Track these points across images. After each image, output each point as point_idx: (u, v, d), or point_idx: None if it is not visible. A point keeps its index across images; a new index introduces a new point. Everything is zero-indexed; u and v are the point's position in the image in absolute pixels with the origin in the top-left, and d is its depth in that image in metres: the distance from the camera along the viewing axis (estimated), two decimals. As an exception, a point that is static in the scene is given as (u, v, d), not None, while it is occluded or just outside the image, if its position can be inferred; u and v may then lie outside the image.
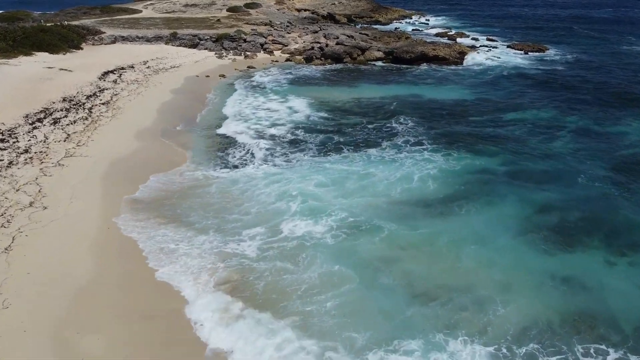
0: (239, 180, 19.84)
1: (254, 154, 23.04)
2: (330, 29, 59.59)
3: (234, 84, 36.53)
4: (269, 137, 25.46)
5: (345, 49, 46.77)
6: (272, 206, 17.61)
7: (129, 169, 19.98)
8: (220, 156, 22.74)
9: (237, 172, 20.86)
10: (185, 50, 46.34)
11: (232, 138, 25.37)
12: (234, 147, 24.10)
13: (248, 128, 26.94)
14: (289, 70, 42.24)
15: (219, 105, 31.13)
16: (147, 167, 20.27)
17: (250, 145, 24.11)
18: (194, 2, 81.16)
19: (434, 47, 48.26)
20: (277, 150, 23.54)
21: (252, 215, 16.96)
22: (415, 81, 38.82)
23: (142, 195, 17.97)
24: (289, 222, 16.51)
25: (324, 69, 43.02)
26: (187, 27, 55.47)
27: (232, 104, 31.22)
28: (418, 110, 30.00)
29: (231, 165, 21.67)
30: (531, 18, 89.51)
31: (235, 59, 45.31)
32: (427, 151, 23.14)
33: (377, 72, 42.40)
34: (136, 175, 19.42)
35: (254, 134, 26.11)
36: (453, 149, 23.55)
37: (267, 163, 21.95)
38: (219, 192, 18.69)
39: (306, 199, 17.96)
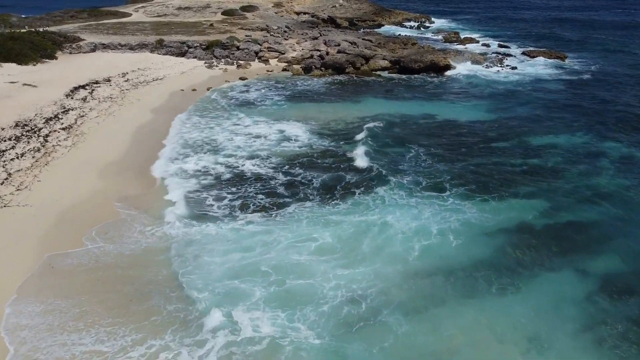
0: (194, 241, 15.29)
1: (213, 204, 17.87)
2: (331, 34, 55.47)
3: (220, 99, 32.28)
4: (245, 175, 20.51)
5: (348, 58, 42.62)
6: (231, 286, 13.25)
7: (77, 224, 15.81)
8: (176, 207, 17.66)
9: (193, 229, 15.99)
10: (172, 59, 42.20)
11: (193, 176, 20.25)
12: (195, 193, 18.68)
13: (217, 163, 21.67)
14: (285, 82, 38.09)
15: (190, 129, 26.27)
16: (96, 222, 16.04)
17: (212, 190, 18.88)
18: (188, 4, 77.08)
19: (445, 56, 44.14)
20: (250, 197, 18.35)
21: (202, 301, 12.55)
22: (426, 96, 34.65)
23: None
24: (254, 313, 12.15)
25: (324, 81, 38.86)
26: (176, 33, 51.37)
27: (204, 128, 26.30)
28: (433, 136, 25.81)
29: (187, 219, 16.60)
30: (541, 21, 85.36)
31: (226, 69, 41.16)
32: (448, 195, 18.83)
33: (384, 85, 38.23)
34: (78, 233, 15.22)
35: (226, 171, 20.82)
36: (478, 190, 19.30)
37: (232, 218, 16.73)
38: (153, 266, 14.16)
39: (287, 276, 13.61)
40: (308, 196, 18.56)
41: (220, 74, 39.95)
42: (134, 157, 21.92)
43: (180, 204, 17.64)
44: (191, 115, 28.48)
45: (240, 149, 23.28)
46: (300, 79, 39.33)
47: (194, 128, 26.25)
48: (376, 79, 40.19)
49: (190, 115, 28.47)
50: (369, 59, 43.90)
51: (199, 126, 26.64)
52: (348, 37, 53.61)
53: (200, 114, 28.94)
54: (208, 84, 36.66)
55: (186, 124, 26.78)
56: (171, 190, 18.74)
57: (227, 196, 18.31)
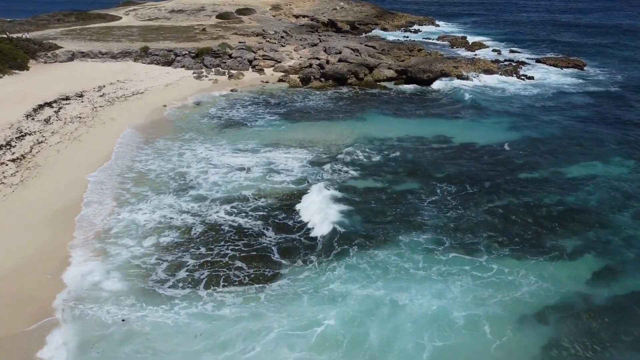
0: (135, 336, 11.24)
1: (170, 278, 13.53)
2: (331, 40, 51.77)
3: (205, 118, 28.53)
4: (221, 229, 16.04)
5: (350, 68, 38.90)
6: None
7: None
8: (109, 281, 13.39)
9: (136, 316, 11.89)
10: (157, 69, 38.49)
11: (144, 235, 15.68)
12: (145, 258, 14.39)
13: (181, 211, 16.99)
14: (281, 96, 34.37)
15: (159, 156, 22.39)
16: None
17: (171, 253, 14.62)
18: (181, 7, 73.40)
19: (456, 65, 40.43)
20: (225, 264, 14.13)
21: None
22: (439, 112, 30.89)
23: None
24: None
25: (324, 95, 35.15)
26: (165, 39, 47.68)
27: (176, 156, 22.26)
28: (451, 166, 22.07)
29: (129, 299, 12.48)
30: (550, 25, 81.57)
31: (216, 80, 37.46)
32: (476, 257, 15.04)
33: (390, 99, 34.47)
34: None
35: (195, 222, 16.29)
36: (510, 246, 15.58)
37: (197, 298, 12.62)
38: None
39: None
40: (306, 259, 14.73)
41: (209, 86, 36.25)
42: (98, 194, 18.22)
43: (116, 280, 13.29)
44: (167, 137, 24.78)
45: (217, 188, 19.13)
46: (298, 92, 35.61)
47: (164, 155, 22.47)
48: (381, 91, 36.46)
49: (166, 138, 24.76)
50: (373, 68, 40.20)
51: (169, 153, 22.69)
52: (350, 43, 49.91)
53: (176, 136, 25.19)
54: (195, 97, 32.97)
55: (157, 149, 23.03)
56: (107, 260, 14.27)
57: (191, 262, 14.26)
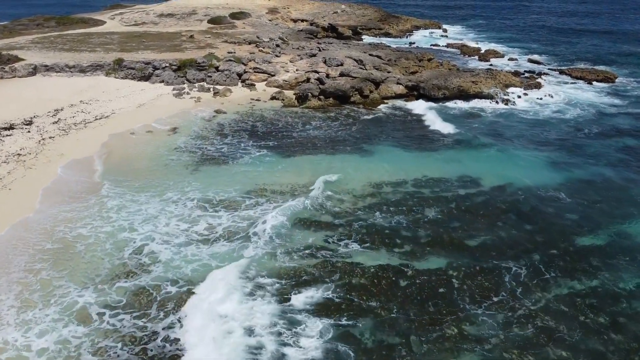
0: None
1: None
2: (332, 49, 46.74)
3: (173, 152, 23.43)
4: None
5: (354, 84, 33.84)
6: None
7: None
8: None
9: None
10: (132, 85, 33.46)
11: None
12: None
13: (102, 335, 11.85)
14: (273, 119, 29.31)
15: (100, 220, 17.07)
16: None
17: None
18: (172, 11, 68.47)
19: (474, 80, 35.33)
20: None
21: None
22: (460, 142, 25.78)
23: None
24: None
25: (323, 117, 30.08)
26: (146, 48, 42.68)
27: (121, 217, 17.12)
28: (484, 228, 16.97)
29: None
30: (567, 31, 76.45)
31: (199, 98, 32.43)
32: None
33: (400, 123, 29.36)
34: None
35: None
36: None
37: None
38: None
39: None
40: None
41: (190, 106, 31.22)
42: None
43: None
44: (121, 181, 19.70)
45: (170, 271, 13.74)
46: (293, 113, 30.56)
47: (109, 210, 17.36)
48: (390, 112, 31.37)
49: (119, 181, 19.69)
50: (380, 84, 35.17)
51: (115, 208, 17.51)
52: (352, 52, 44.92)
53: (134, 178, 20.11)
54: (171, 121, 27.96)
55: (101, 202, 17.85)
56: None
57: None
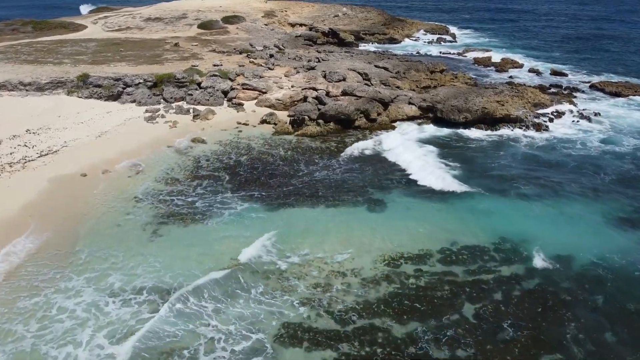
0: None
1: None
2: (332, 58, 41.57)
3: (130, 206, 18.19)
4: None
5: (358, 105, 28.67)
6: None
7: None
8: None
9: None
10: (97, 106, 28.29)
11: None
12: None
13: None
14: (262, 152, 24.15)
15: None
16: None
17: None
18: (160, 14, 63.24)
19: (500, 99, 30.11)
20: None
21: None
22: (490, 186, 20.49)
23: None
24: None
25: (323, 149, 24.91)
26: (122, 59, 37.52)
27: (32, 329, 12.31)
28: (547, 347, 11.81)
29: None
30: (585, 37, 71.26)
31: (176, 123, 27.29)
32: None
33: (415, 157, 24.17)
34: None
35: None
36: None
37: None
38: None
39: None
40: None
41: (164, 133, 26.07)
42: None
43: None
44: (47, 258, 14.47)
45: None
46: (286, 144, 25.40)
47: (19, 316, 12.20)
48: (402, 142, 26.21)
49: (44, 258, 14.47)
50: (389, 104, 30.01)
51: (31, 309, 12.41)
52: (356, 63, 39.78)
53: (67, 252, 14.94)
54: (135, 158, 22.83)
55: (10, 299, 12.68)
56: None
57: None
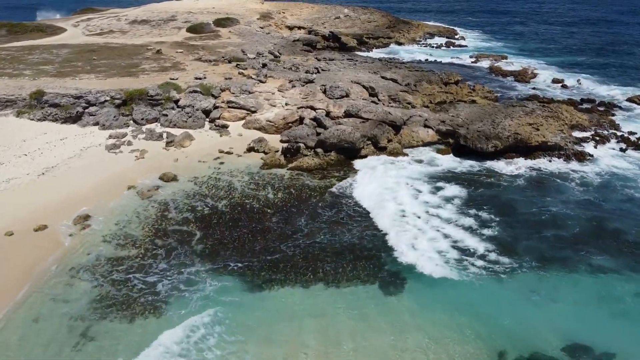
0: None
1: None
2: (333, 68, 36.71)
3: (56, 286, 13.40)
4: None
5: (365, 131, 23.80)
6: None
7: None
8: None
9: None
10: (52, 130, 23.47)
11: None
12: None
13: None
14: (246, 194, 19.26)
15: None
16: None
17: None
18: (147, 16, 58.37)
19: (533, 122, 25.19)
20: None
21: None
22: (537, 248, 15.65)
23: None
24: None
25: (321, 190, 20.01)
26: (92, 71, 32.69)
27: None
28: None
29: None
30: (608, 41, 66.42)
31: (144, 152, 22.47)
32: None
33: (434, 202, 19.26)
34: None
35: None
36: None
37: None
38: None
39: None
40: None
41: (128, 168, 21.22)
42: None
43: None
44: None
45: None
46: (276, 180, 20.53)
47: None
48: (418, 177, 21.36)
49: None
50: (401, 127, 25.18)
51: None
52: (360, 73, 34.94)
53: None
54: (88, 201, 18.00)
55: None
56: None
57: None
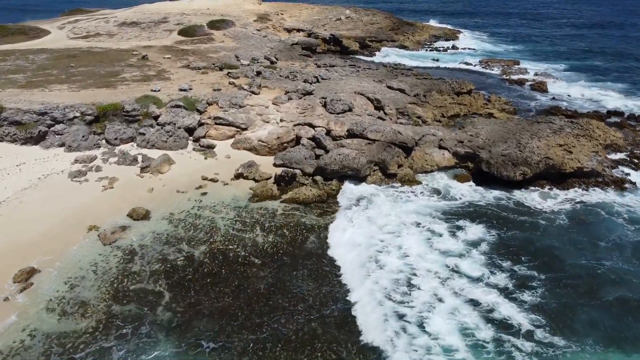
0: None
1: None
2: (334, 76, 33.45)
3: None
4: None
5: (371, 155, 20.56)
6: None
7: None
8: None
9: None
10: (8, 153, 20.22)
11: None
12: None
13: None
14: (228, 233, 16.00)
15: None
16: None
17: None
18: (138, 18, 55.12)
19: (564, 143, 21.91)
20: None
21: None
22: (593, 305, 12.52)
23: None
24: None
25: (320, 228, 16.76)
26: (67, 81, 29.47)
27: None
28: None
29: None
30: (611, 40, 63.17)
31: (113, 180, 19.24)
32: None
33: (456, 246, 16.05)
34: None
35: None
36: None
37: None
38: None
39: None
40: None
41: (93, 202, 17.97)
42: None
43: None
44: None
45: None
46: (267, 217, 17.26)
47: None
48: (429, 215, 18.11)
49: None
50: (412, 149, 21.95)
51: None
52: (364, 83, 31.70)
53: None
54: (36, 250, 14.80)
55: None
56: None
57: None
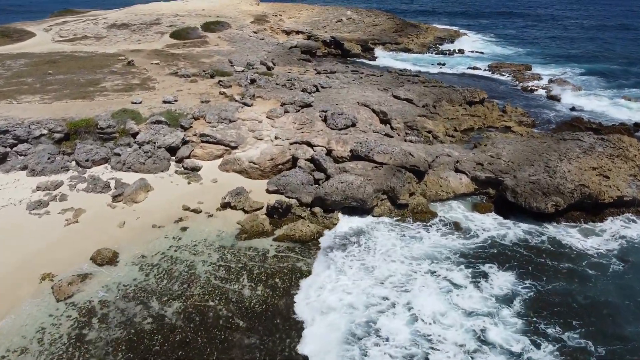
0: None
1: None
2: (336, 84, 30.63)
3: None
4: None
5: (379, 182, 17.79)
6: None
7: None
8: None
9: None
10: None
11: None
12: None
13: None
14: (206, 290, 13.20)
15: None
16: None
17: None
18: (129, 20, 52.29)
19: (599, 166, 19.14)
20: None
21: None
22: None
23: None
24: None
25: (317, 280, 14.07)
26: (40, 91, 26.71)
27: None
28: None
29: None
30: (624, 43, 60.41)
31: (78, 213, 16.46)
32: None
33: (491, 319, 13.28)
34: None
35: None
36: None
37: None
38: None
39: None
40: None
41: (53, 240, 15.21)
42: None
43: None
44: None
45: None
46: (258, 261, 14.42)
47: None
48: (445, 260, 15.35)
49: None
50: (425, 173, 19.20)
51: None
52: (368, 91, 28.94)
53: None
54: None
55: None
56: None
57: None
